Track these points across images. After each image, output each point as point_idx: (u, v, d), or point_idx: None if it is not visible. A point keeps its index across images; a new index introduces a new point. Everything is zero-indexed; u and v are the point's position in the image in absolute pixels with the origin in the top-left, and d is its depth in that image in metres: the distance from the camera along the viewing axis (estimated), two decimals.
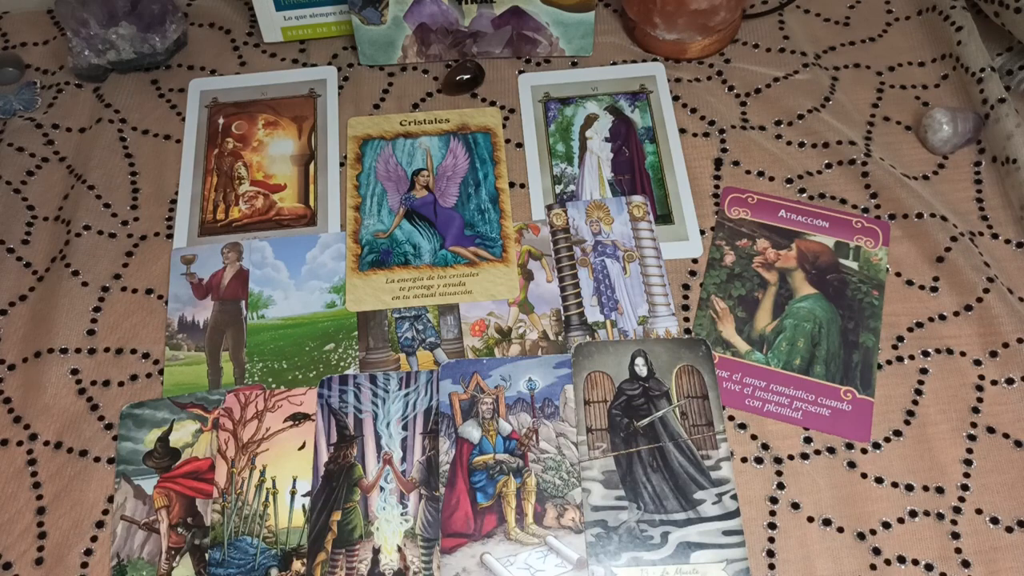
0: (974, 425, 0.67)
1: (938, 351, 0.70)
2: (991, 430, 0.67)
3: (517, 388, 0.68)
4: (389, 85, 0.87)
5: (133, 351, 0.72)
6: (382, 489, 0.65)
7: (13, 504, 0.66)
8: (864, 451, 0.66)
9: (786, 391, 0.69)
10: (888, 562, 0.62)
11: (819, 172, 0.80)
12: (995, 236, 0.76)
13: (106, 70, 0.87)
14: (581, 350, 0.70)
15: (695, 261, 0.76)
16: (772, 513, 0.64)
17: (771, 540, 0.63)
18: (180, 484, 0.66)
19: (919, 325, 0.72)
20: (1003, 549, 0.63)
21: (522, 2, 0.83)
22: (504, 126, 0.83)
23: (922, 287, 0.73)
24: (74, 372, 0.71)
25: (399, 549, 0.63)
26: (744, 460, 0.66)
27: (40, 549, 0.64)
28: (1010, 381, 0.69)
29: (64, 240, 0.77)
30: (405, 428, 0.67)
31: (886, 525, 0.64)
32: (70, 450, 0.67)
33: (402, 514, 0.64)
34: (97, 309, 0.74)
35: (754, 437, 0.67)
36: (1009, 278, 0.73)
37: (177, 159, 0.82)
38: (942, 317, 0.72)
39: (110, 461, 0.67)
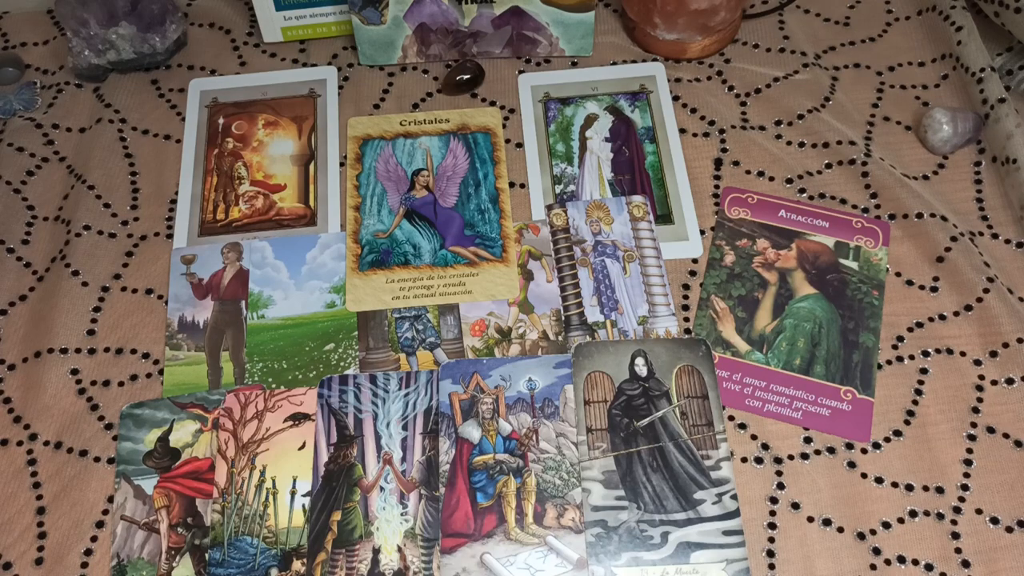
0: (974, 425, 0.67)
1: (938, 351, 0.70)
2: (991, 430, 0.67)
3: (517, 388, 0.68)
4: (389, 85, 0.87)
5: (133, 351, 0.72)
6: (382, 489, 0.65)
7: (13, 504, 0.66)
8: (864, 451, 0.66)
9: (786, 391, 0.69)
10: (888, 562, 0.63)
11: (819, 172, 0.80)
12: (995, 236, 0.76)
13: (106, 70, 0.87)
14: (581, 350, 0.70)
15: (695, 261, 0.76)
16: (772, 513, 0.64)
17: (771, 540, 0.63)
18: (180, 484, 0.66)
19: (919, 325, 0.72)
20: (1003, 549, 0.63)
21: (522, 2, 0.83)
22: (504, 126, 0.83)
23: (922, 287, 0.73)
24: (74, 372, 0.71)
25: (399, 549, 0.63)
26: (744, 460, 0.66)
27: (40, 549, 0.64)
28: (1010, 381, 0.69)
29: (64, 240, 0.77)
30: (405, 428, 0.67)
31: (886, 525, 0.64)
32: (70, 450, 0.67)
33: (402, 514, 0.64)
34: (97, 309, 0.74)
35: (754, 437, 0.67)
36: (1009, 278, 0.73)
37: (177, 159, 0.82)
38: (942, 317, 0.72)
39: (110, 461, 0.67)
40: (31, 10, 0.93)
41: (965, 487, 0.65)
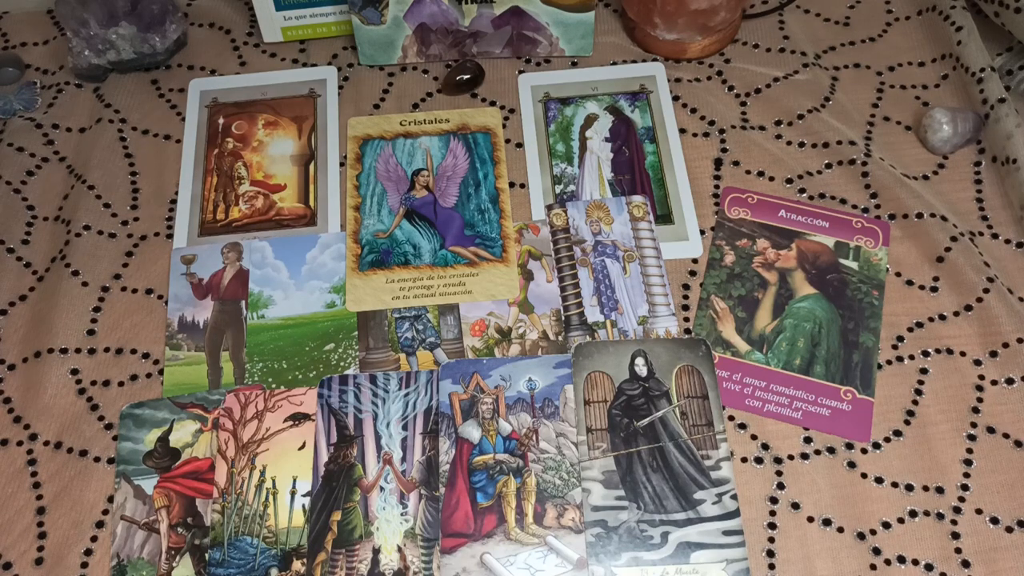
0: (974, 425, 0.67)
1: (938, 351, 0.70)
2: (991, 430, 0.67)
3: (517, 388, 0.68)
4: (389, 85, 0.87)
5: (133, 351, 0.72)
6: (382, 489, 0.65)
7: (13, 504, 0.66)
8: (864, 451, 0.66)
9: (786, 391, 0.69)
10: (888, 562, 0.63)
11: (819, 172, 0.80)
12: (995, 236, 0.76)
13: (106, 70, 0.87)
14: (581, 350, 0.70)
15: (695, 261, 0.76)
16: (772, 513, 0.64)
17: (771, 540, 0.63)
18: (180, 484, 0.66)
19: (919, 325, 0.72)
20: (1003, 549, 0.63)
21: (522, 2, 0.83)
22: (504, 126, 0.83)
23: (922, 287, 0.73)
24: (74, 372, 0.71)
25: (399, 549, 0.63)
26: (744, 460, 0.66)
27: (40, 549, 0.64)
28: (1010, 381, 0.69)
29: (64, 240, 0.77)
30: (405, 428, 0.67)
31: (886, 525, 0.64)
32: (70, 450, 0.67)
33: (402, 514, 0.64)
34: (97, 309, 0.74)
35: (754, 437, 0.67)
36: (1009, 278, 0.73)
37: (177, 159, 0.82)
38: (942, 317, 0.72)
39: (110, 461, 0.67)
40: (31, 10, 0.93)
41: (965, 487, 0.65)
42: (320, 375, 0.70)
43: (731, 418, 0.68)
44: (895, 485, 0.65)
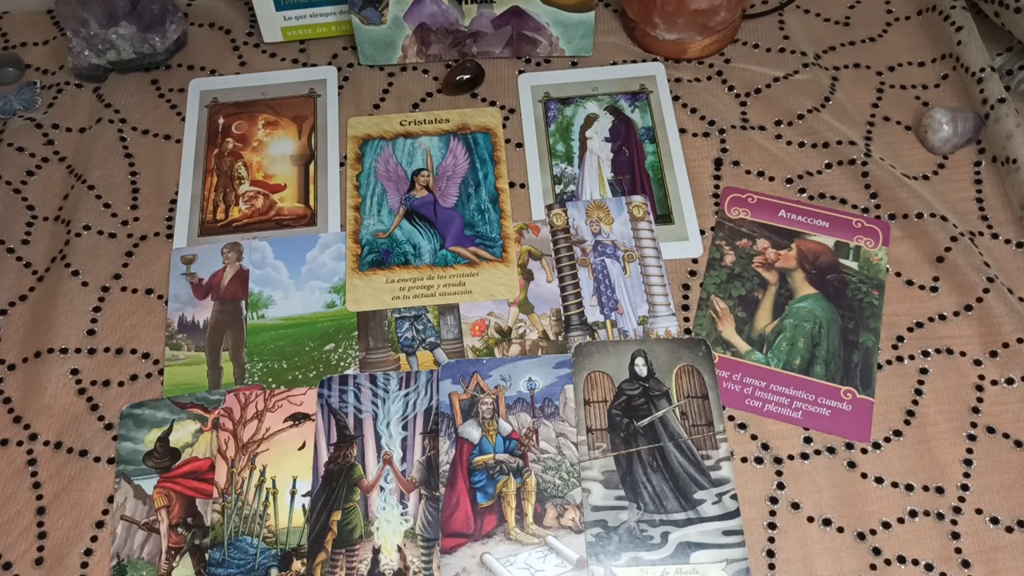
0: (974, 425, 0.67)
1: (938, 351, 0.70)
2: (991, 430, 0.67)
3: (517, 388, 0.68)
4: (389, 85, 0.87)
5: (133, 351, 0.72)
6: (382, 489, 0.65)
7: (13, 504, 0.66)
8: (864, 451, 0.66)
9: (786, 391, 0.69)
10: (888, 562, 0.63)
11: (819, 172, 0.80)
12: (995, 236, 0.76)
13: (106, 70, 0.87)
14: (581, 350, 0.70)
15: (695, 261, 0.76)
16: (772, 513, 0.64)
17: (771, 540, 0.63)
18: (180, 484, 0.66)
19: (919, 325, 0.72)
20: (1003, 549, 0.63)
21: (522, 2, 0.83)
22: (504, 126, 0.83)
23: (922, 287, 0.73)
24: (74, 372, 0.71)
25: (399, 549, 0.63)
26: (744, 460, 0.66)
27: (40, 549, 0.64)
28: (1010, 381, 0.69)
29: (64, 240, 0.77)
30: (405, 428, 0.67)
31: (886, 525, 0.64)
32: (70, 450, 0.68)
33: (402, 514, 0.64)
34: (97, 309, 0.74)
35: (754, 437, 0.67)
36: (1009, 278, 0.73)
37: (177, 159, 0.82)
38: (942, 317, 0.72)
39: (110, 461, 0.67)
40: (31, 10, 0.93)
41: (965, 487, 0.65)
42: (320, 375, 0.70)
43: (731, 418, 0.68)
44: (895, 485, 0.65)
